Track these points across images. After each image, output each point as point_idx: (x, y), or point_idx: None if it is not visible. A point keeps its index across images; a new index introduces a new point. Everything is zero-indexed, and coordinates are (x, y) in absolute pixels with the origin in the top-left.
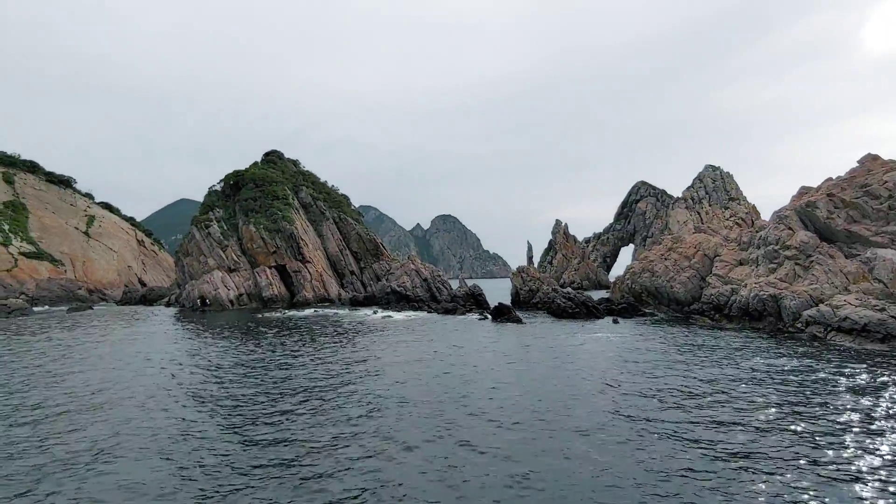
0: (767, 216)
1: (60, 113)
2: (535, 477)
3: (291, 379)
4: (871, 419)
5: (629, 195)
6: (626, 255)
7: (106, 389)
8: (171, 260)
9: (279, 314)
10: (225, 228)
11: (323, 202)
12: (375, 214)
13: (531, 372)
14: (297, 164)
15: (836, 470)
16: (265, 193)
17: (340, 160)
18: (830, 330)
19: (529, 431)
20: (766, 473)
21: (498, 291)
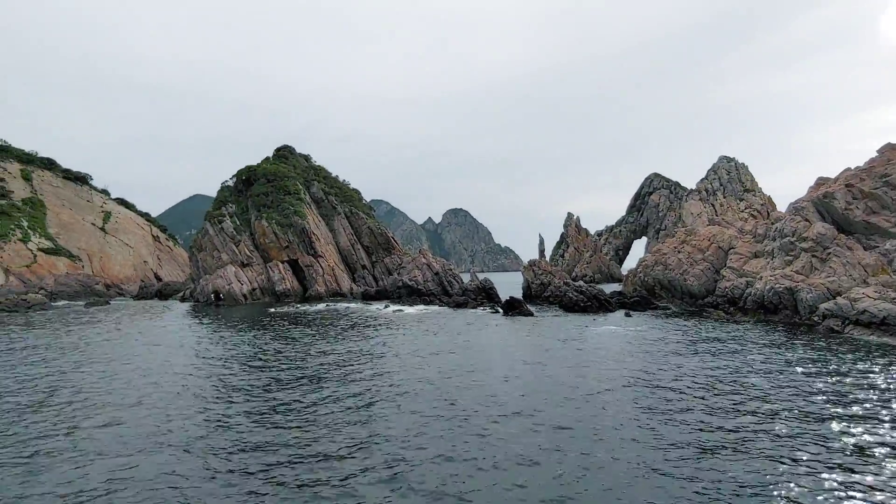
0: (783, 208)
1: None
2: (548, 473)
3: (304, 373)
4: (894, 413)
5: (642, 187)
6: (638, 247)
7: (126, 381)
8: (185, 255)
9: (292, 308)
10: (238, 223)
11: (334, 197)
12: (387, 208)
13: (542, 366)
14: (308, 158)
15: (855, 463)
16: (277, 188)
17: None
18: (848, 323)
19: (542, 429)
20: (787, 473)
21: (509, 285)
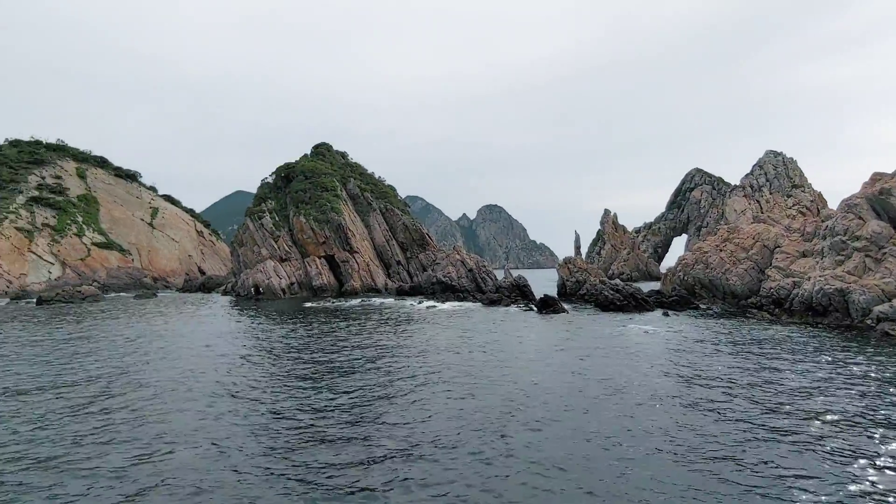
0: (835, 204)
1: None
2: (576, 477)
3: (337, 366)
4: None
5: (682, 183)
6: (678, 245)
7: (174, 370)
8: (227, 249)
9: (329, 303)
10: (277, 219)
11: (370, 193)
12: (422, 205)
13: (576, 366)
14: (345, 155)
15: None
16: (315, 185)
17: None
18: None
19: (574, 430)
20: (833, 483)
21: (544, 282)
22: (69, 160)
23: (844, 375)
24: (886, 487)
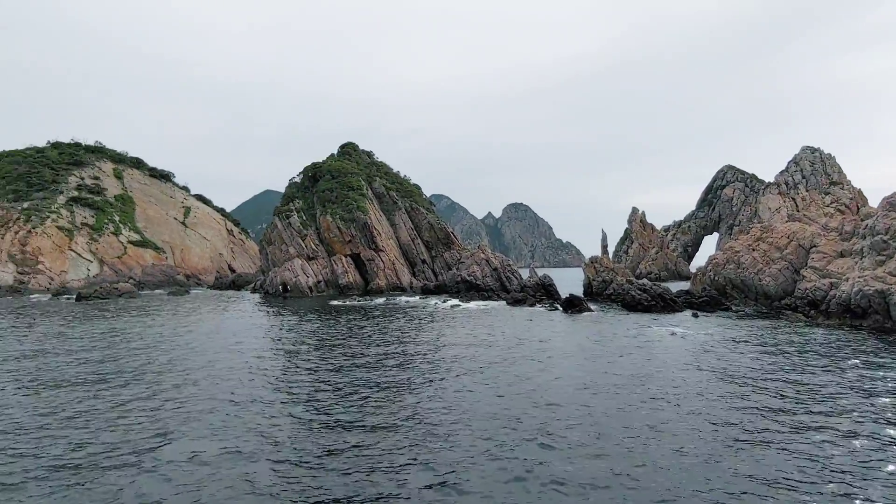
0: (876, 202)
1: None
2: (604, 482)
3: (363, 364)
4: None
5: (714, 180)
6: (709, 244)
7: (205, 362)
8: (256, 248)
9: (354, 302)
10: (304, 218)
11: (395, 192)
12: (447, 203)
13: (602, 367)
14: (370, 155)
15: None
16: (341, 184)
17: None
18: None
19: (602, 435)
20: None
21: (569, 282)
22: (107, 161)
23: (888, 381)
24: None
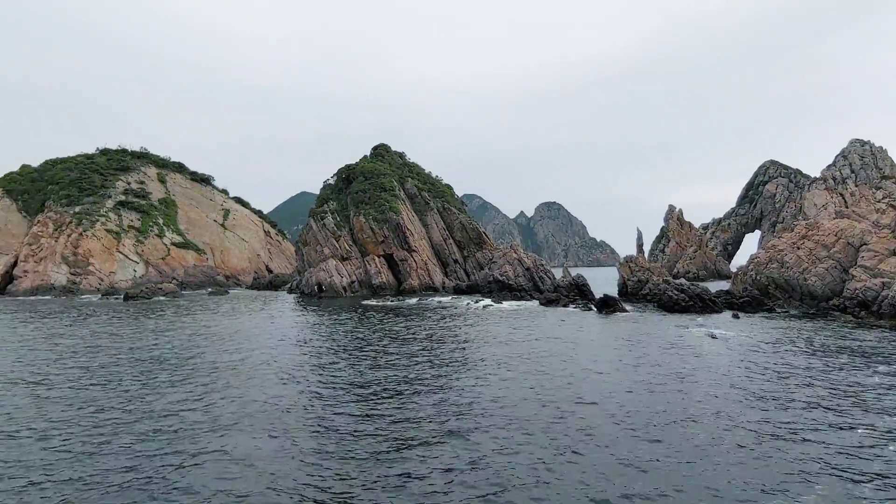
0: None
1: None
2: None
3: (400, 363)
4: None
5: (755, 176)
6: (750, 242)
7: (246, 359)
8: (292, 248)
9: (387, 302)
10: (338, 219)
11: (427, 192)
12: (479, 203)
13: (641, 371)
14: (402, 156)
15: None
16: (374, 185)
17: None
18: None
19: (642, 442)
20: None
21: (603, 281)
22: (151, 166)
23: None
24: None
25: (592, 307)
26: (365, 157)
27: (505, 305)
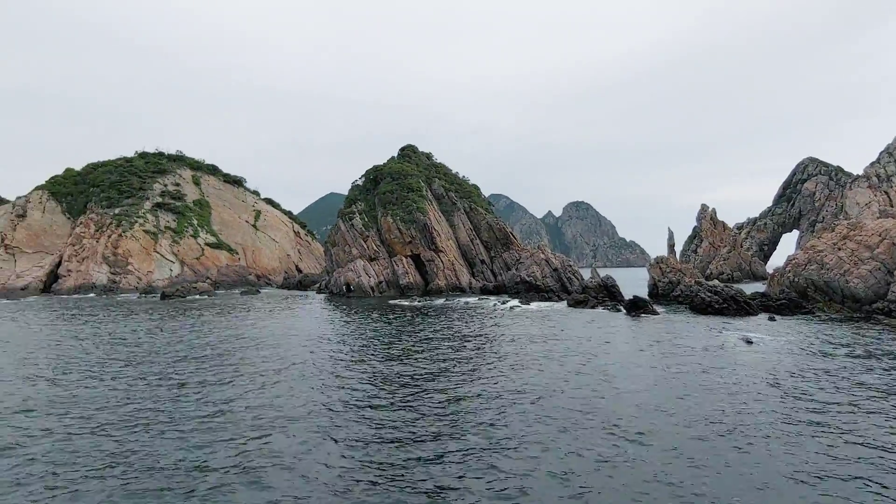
0: None
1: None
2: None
3: (424, 361)
4: None
5: (793, 174)
6: (787, 242)
7: (284, 357)
8: (321, 249)
9: (415, 302)
10: (366, 220)
11: (454, 193)
12: (506, 203)
13: (672, 377)
14: (430, 156)
15: None
16: (401, 186)
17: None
18: None
19: (676, 453)
20: None
21: (633, 283)
22: (186, 169)
23: None
24: None
25: (621, 308)
26: (392, 158)
27: (532, 306)
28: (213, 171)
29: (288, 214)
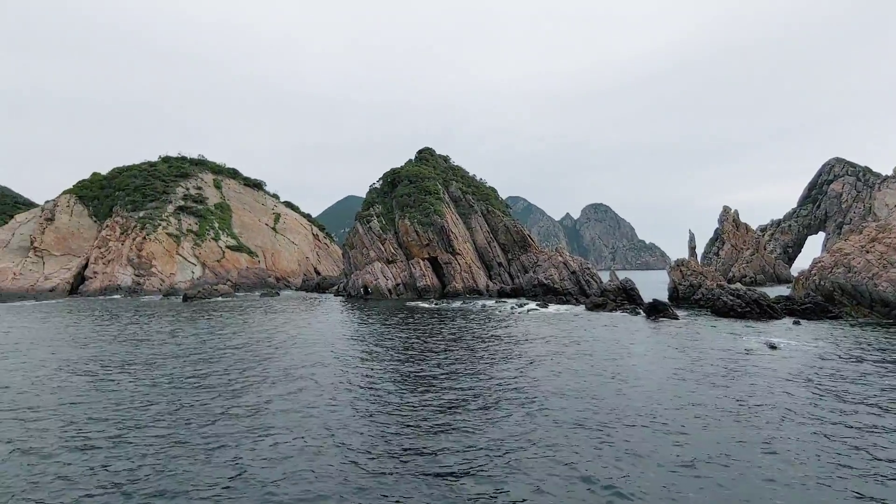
0: None
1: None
2: None
3: (441, 362)
4: None
5: (819, 175)
6: (813, 245)
7: (308, 356)
8: (339, 251)
9: (431, 304)
10: (384, 223)
11: (472, 195)
12: (524, 205)
13: (694, 384)
14: (447, 159)
15: None
16: (419, 189)
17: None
18: None
19: (698, 466)
20: None
21: (653, 286)
22: (208, 173)
23: None
24: None
25: (641, 312)
26: (410, 160)
27: (550, 309)
28: (233, 174)
29: (307, 217)
